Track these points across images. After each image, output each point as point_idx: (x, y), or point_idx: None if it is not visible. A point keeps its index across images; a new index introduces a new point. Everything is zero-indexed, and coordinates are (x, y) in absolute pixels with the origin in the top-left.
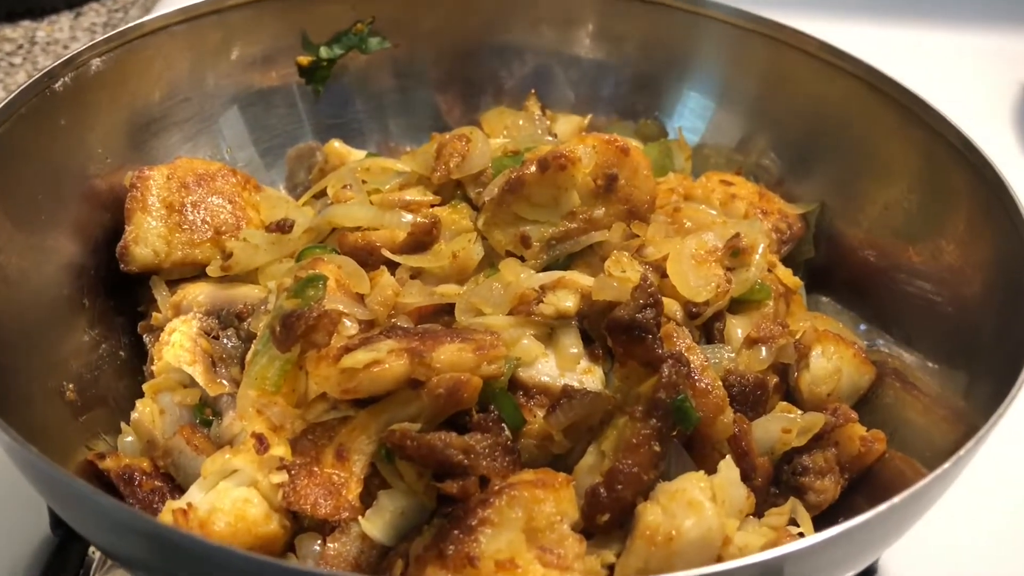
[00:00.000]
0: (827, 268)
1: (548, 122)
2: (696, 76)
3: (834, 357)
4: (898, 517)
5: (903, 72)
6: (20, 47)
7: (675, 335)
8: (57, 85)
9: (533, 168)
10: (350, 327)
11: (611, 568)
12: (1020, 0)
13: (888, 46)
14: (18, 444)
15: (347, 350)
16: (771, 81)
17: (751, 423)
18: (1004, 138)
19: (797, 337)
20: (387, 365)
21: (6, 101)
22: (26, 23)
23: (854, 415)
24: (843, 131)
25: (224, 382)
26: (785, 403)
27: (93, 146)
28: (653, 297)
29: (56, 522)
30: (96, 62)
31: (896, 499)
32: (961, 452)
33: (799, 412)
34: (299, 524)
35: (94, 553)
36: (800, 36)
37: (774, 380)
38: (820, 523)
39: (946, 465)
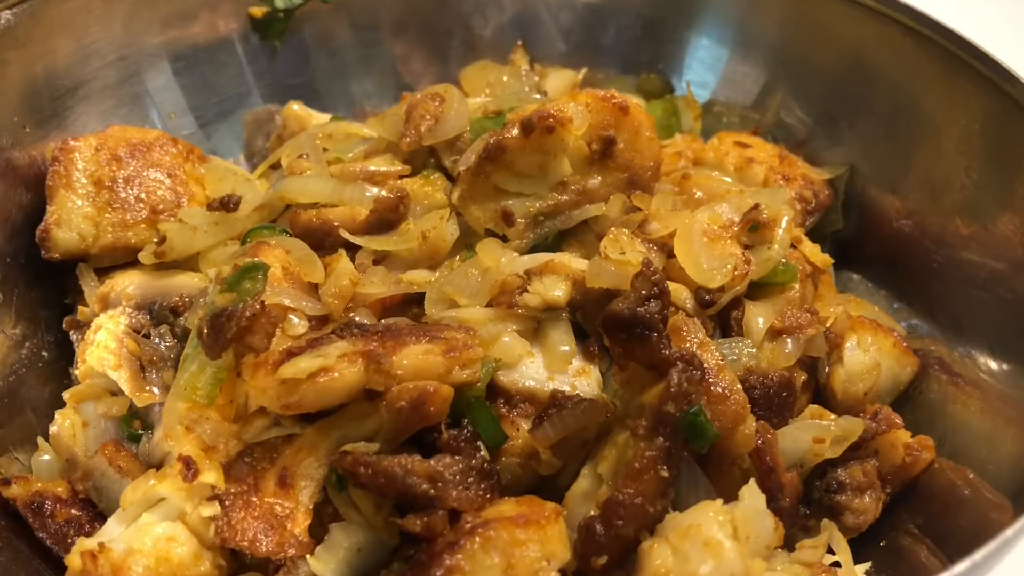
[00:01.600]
0: (858, 242)
1: (537, 78)
2: (707, 21)
3: (872, 349)
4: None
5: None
6: None
7: (685, 329)
8: None
9: (516, 131)
10: (298, 324)
11: None
12: None
13: None
14: None
15: (290, 354)
16: (793, 26)
17: (776, 432)
18: None
19: (827, 325)
20: (336, 374)
21: None
22: None
23: (898, 420)
24: (877, 82)
25: (155, 389)
26: (815, 406)
27: (7, 114)
28: (658, 286)
29: None
30: (6, 15)
31: (991, 545)
32: None
33: (833, 417)
34: (239, 563)
35: None
36: None
37: (802, 377)
38: (856, 543)
39: None
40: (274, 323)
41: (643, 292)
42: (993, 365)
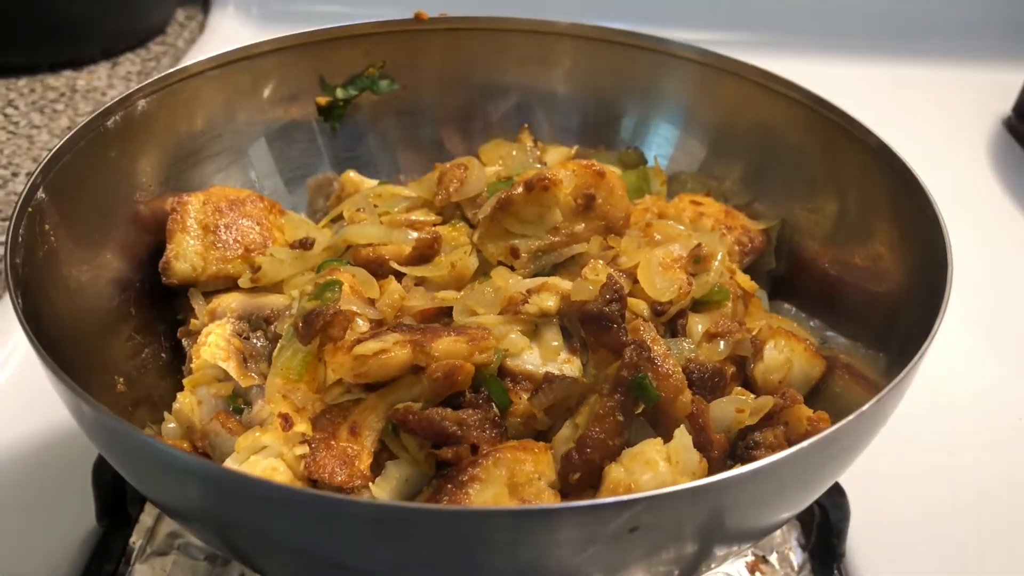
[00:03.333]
0: (789, 278)
1: (539, 152)
2: (663, 108)
3: (785, 349)
4: (813, 461)
5: (882, 107)
6: (62, 95)
7: (642, 329)
8: (110, 123)
9: (520, 189)
10: (362, 325)
11: None
12: (997, 35)
13: (867, 82)
14: (89, 405)
15: (359, 342)
16: (728, 110)
17: (709, 404)
18: (983, 171)
19: (754, 333)
20: (393, 353)
21: (69, 136)
22: (67, 73)
23: (800, 397)
24: (795, 153)
25: (254, 375)
26: (740, 388)
27: (139, 176)
28: (618, 293)
29: (101, 513)
30: (142, 103)
31: (804, 443)
32: (864, 408)
33: (752, 396)
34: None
35: (135, 543)
36: (747, 67)
37: (731, 370)
38: None
39: (853, 416)
40: (348, 320)
41: (607, 296)
42: (873, 360)
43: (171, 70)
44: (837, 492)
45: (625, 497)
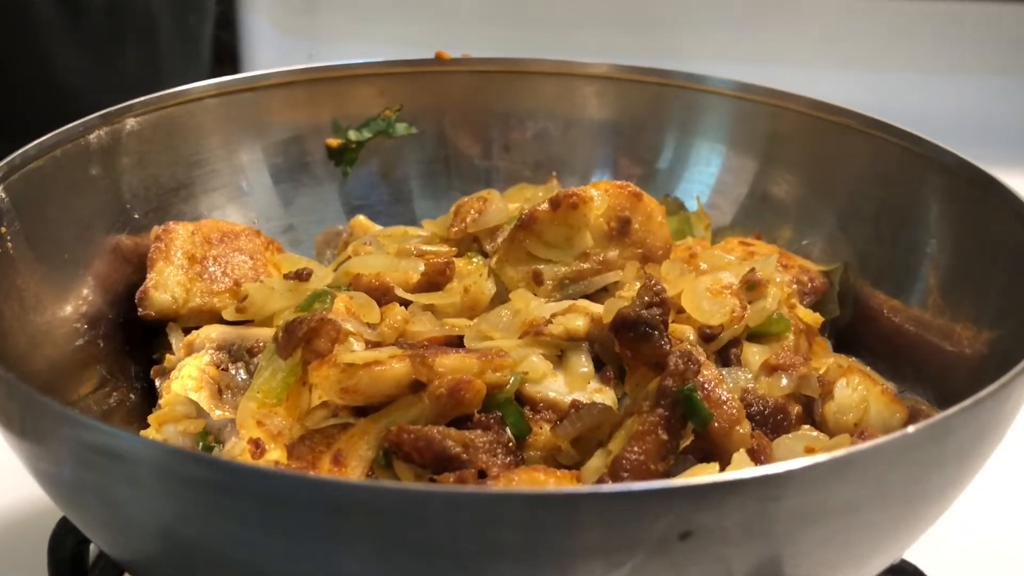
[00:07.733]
0: (855, 329)
1: None
2: (701, 149)
3: (859, 388)
4: (918, 460)
5: None
6: None
7: (690, 348)
8: (92, 136)
9: (545, 205)
10: (356, 346)
11: None
12: None
13: None
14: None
15: None
16: (773, 147)
17: (772, 442)
18: None
19: (821, 372)
20: (387, 366)
21: (41, 140)
22: None
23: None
24: (849, 187)
25: (228, 409)
26: (808, 426)
27: (122, 200)
28: (659, 296)
29: None
30: (131, 122)
31: (910, 429)
32: (984, 392)
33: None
34: None
35: None
36: (791, 96)
37: (797, 409)
38: None
39: (970, 400)
40: (337, 330)
41: (647, 299)
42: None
43: (167, 91)
44: None
45: (675, 482)
